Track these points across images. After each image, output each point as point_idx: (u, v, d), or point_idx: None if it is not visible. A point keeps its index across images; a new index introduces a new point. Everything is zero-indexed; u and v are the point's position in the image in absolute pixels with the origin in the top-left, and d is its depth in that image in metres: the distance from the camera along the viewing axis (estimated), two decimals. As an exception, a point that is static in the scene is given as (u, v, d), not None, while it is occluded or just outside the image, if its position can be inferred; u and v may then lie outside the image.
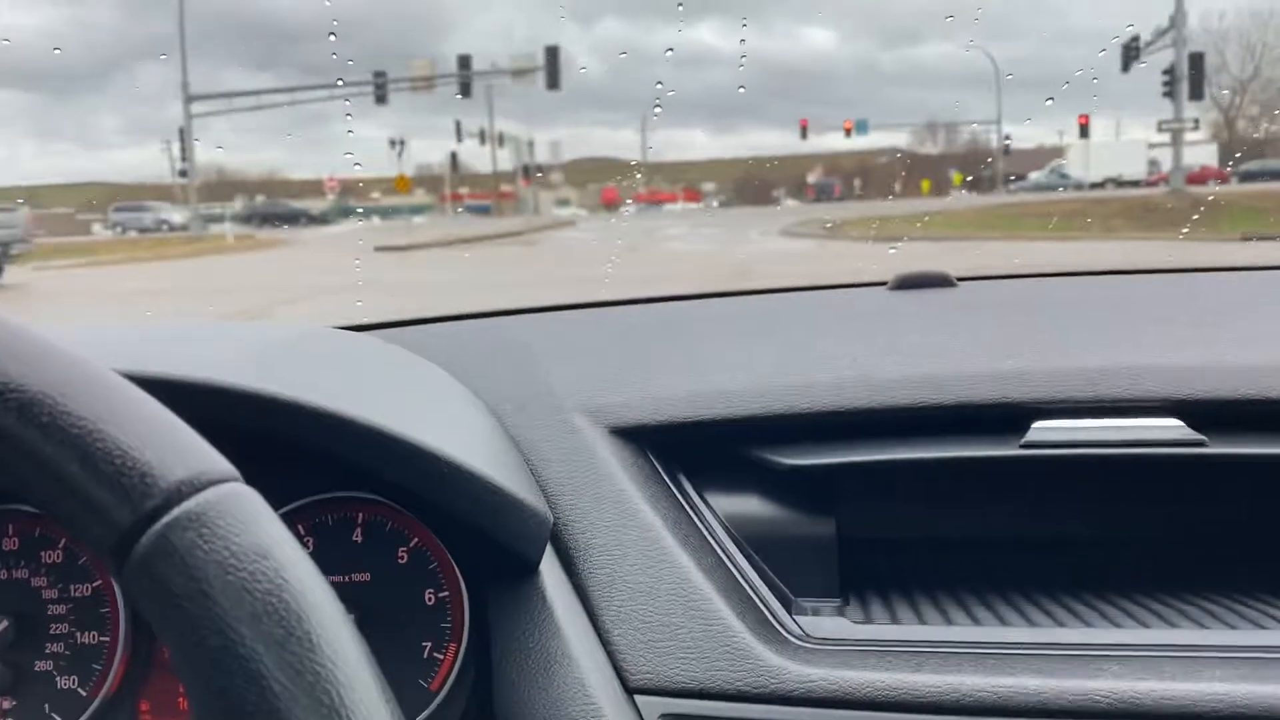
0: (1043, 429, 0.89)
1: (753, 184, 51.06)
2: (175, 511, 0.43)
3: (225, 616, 0.41)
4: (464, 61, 27.03)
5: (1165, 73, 24.12)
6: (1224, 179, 38.34)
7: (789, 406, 0.93)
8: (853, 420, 0.93)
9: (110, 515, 0.43)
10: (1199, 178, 37.76)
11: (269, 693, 0.40)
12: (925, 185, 44.33)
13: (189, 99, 26.82)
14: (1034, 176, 44.19)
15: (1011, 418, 0.90)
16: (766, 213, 32.35)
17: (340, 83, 27.73)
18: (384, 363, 1.01)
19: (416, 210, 53.06)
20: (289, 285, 13.19)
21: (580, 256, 15.59)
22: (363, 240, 21.14)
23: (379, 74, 27.25)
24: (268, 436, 0.72)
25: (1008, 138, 40.21)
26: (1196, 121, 32.00)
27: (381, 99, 27.18)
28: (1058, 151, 45.06)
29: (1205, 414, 0.89)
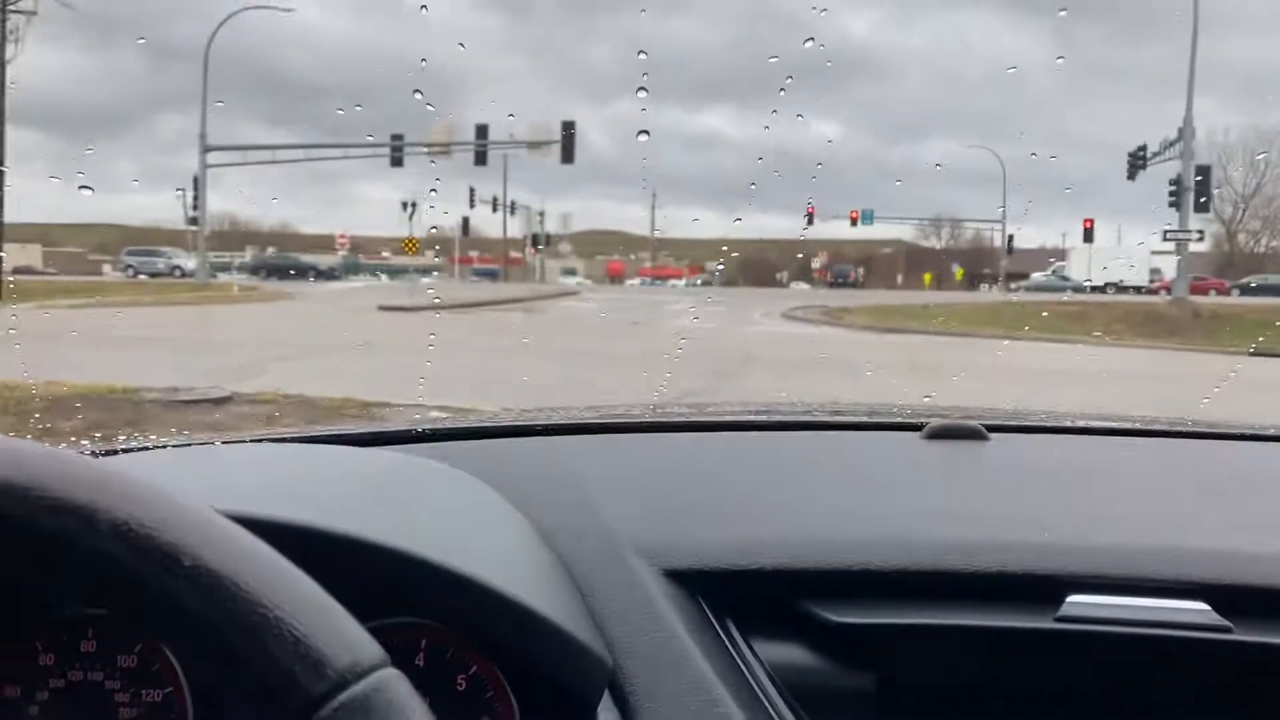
0: (1076, 604, 0.91)
1: (756, 265, 51.41)
2: (342, 697, 0.47)
3: None
4: (481, 131, 27.22)
5: (1172, 183, 24.22)
6: (1224, 290, 38.74)
7: (837, 563, 0.95)
8: (893, 580, 0.95)
9: (284, 699, 0.46)
10: (1199, 288, 38.01)
11: None
12: (928, 278, 44.62)
13: (205, 149, 26.97)
14: (1036, 277, 44.47)
15: (1047, 589, 0.93)
16: (769, 293, 32.35)
17: (370, 137, 27.82)
18: (447, 492, 1.03)
19: (425, 271, 53.63)
20: (287, 340, 12.99)
21: (585, 326, 15.42)
22: (366, 298, 20.99)
23: (396, 137, 27.44)
24: (344, 572, 0.71)
25: (1011, 237, 40.38)
26: (1201, 233, 32.24)
27: (398, 162, 27.34)
28: (1059, 253, 45.34)
29: (1233, 600, 0.91)
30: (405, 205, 19.54)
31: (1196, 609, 0.91)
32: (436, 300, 22.01)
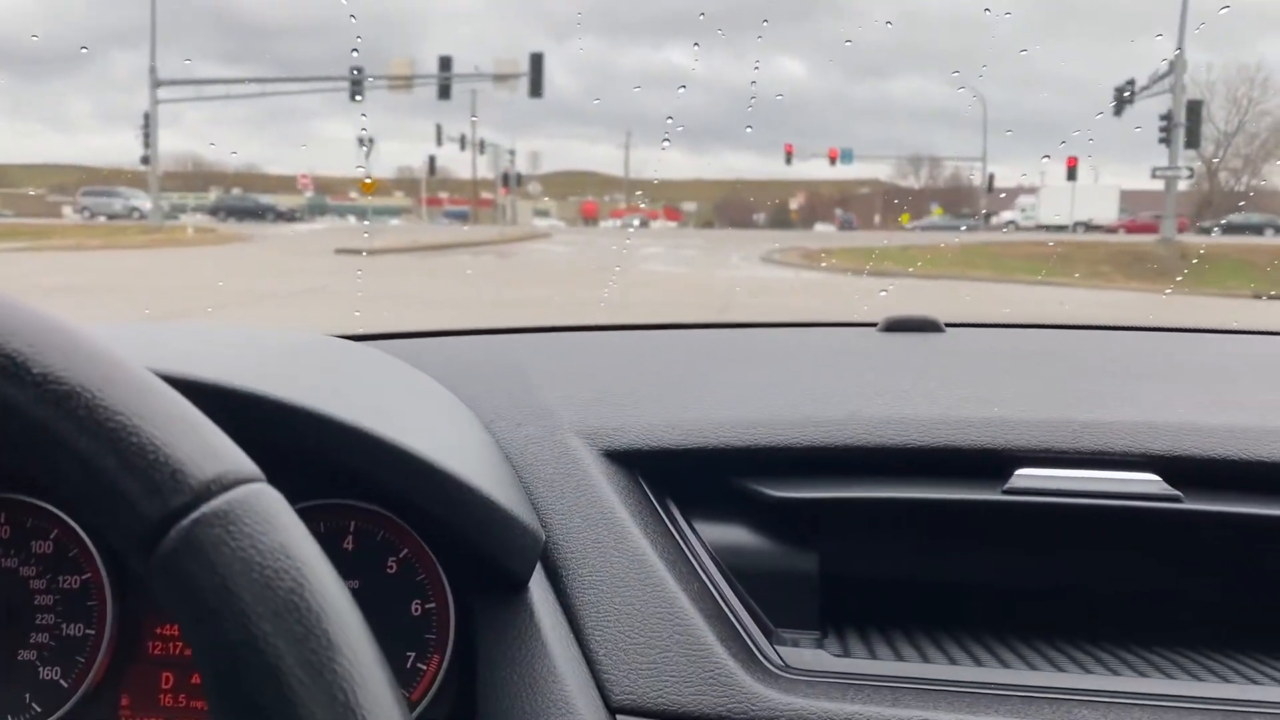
0: (1024, 476, 0.90)
1: (733, 206, 50.31)
2: (203, 508, 0.43)
3: (248, 612, 0.42)
4: (445, 63, 25.77)
5: (1162, 118, 23.19)
6: (1184, 228, 38.00)
7: (778, 440, 0.94)
8: (839, 457, 0.93)
9: (140, 509, 0.43)
10: (1149, 227, 36.98)
11: (287, 688, 0.41)
12: (905, 218, 43.69)
13: (156, 83, 25.42)
14: (931, 218, 43.59)
15: (995, 464, 0.91)
16: (747, 236, 31.39)
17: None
18: (383, 373, 1.00)
19: (393, 213, 52.07)
20: (232, 288, 11.90)
21: (558, 273, 14.38)
22: (325, 241, 19.79)
23: (356, 70, 25.94)
24: (269, 440, 0.69)
25: (992, 175, 39.41)
26: (1191, 170, 31.41)
27: (357, 95, 25.88)
28: (1036, 191, 44.36)
29: (1184, 471, 0.91)
30: (362, 142, 18.24)
31: (1147, 479, 0.90)
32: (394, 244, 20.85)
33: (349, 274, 13.84)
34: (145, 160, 26.97)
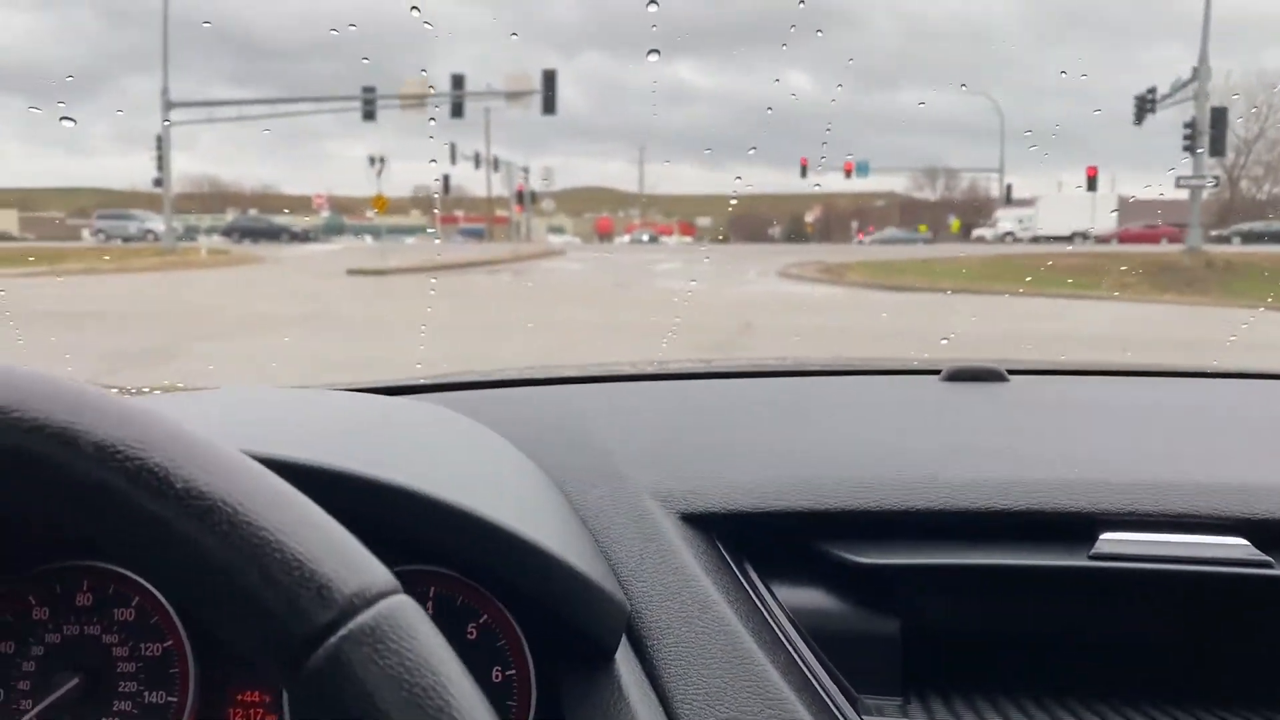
0: (1111, 541, 0.88)
1: (749, 220, 49.82)
2: (350, 625, 0.43)
3: None
4: (457, 81, 25.38)
5: (1187, 126, 22.55)
6: (1176, 238, 36.89)
7: (858, 504, 0.92)
8: (920, 520, 0.91)
9: (286, 626, 0.43)
10: (1149, 236, 35.91)
11: None
12: (923, 229, 43.04)
13: (168, 105, 25.13)
14: (888, 230, 42.79)
15: (1079, 527, 0.89)
16: (763, 250, 30.89)
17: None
18: (455, 436, 0.98)
19: (409, 232, 51.80)
20: (228, 313, 11.44)
21: (567, 290, 13.88)
22: (338, 261, 19.37)
23: (368, 89, 25.59)
24: (354, 513, 0.67)
25: (1010, 186, 38.83)
26: (1217, 178, 30.70)
27: (370, 115, 25.50)
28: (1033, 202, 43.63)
29: (1274, 535, 0.89)
30: (373, 160, 17.83)
31: (1235, 544, 0.88)
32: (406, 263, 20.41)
33: (353, 297, 13.35)
34: (158, 182, 26.70)
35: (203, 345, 8.29)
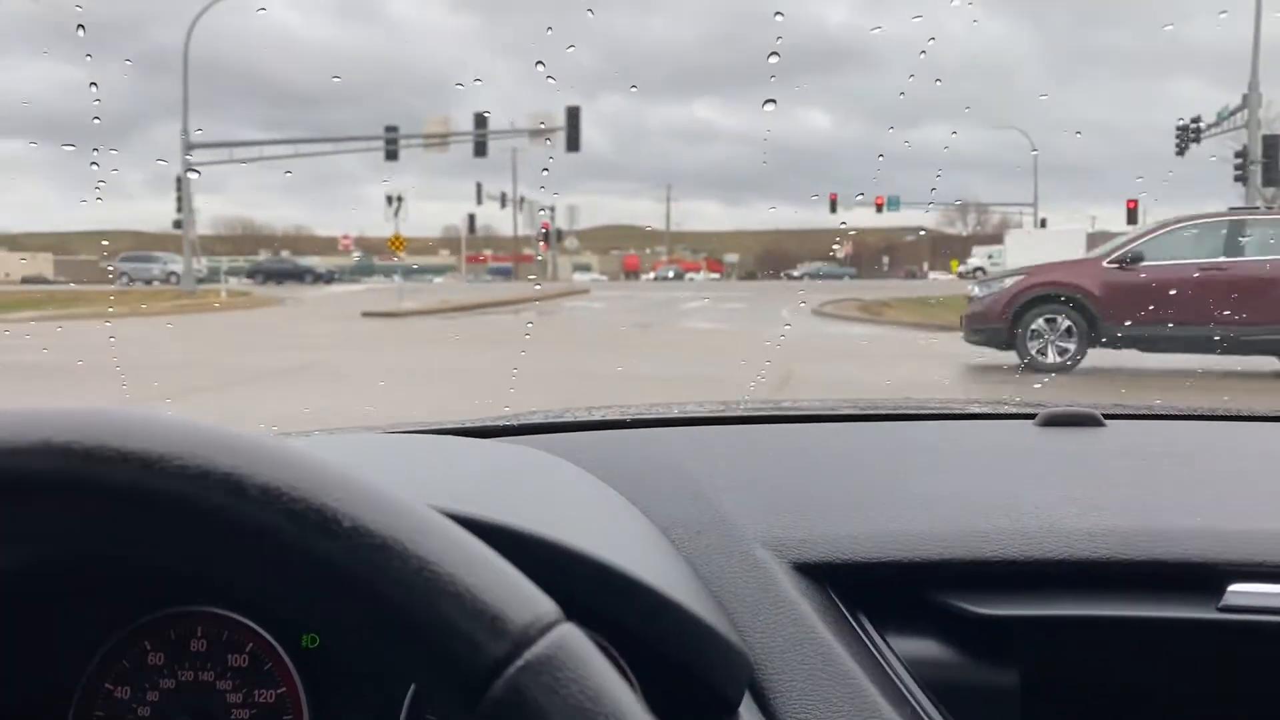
0: (1241, 593, 0.84)
1: (777, 256, 48.76)
2: (527, 655, 0.42)
3: None
4: (480, 120, 24.58)
5: (1238, 155, 21.23)
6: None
7: (976, 554, 0.89)
8: (1040, 570, 0.88)
9: (465, 660, 0.42)
10: None
11: None
12: (954, 265, 41.80)
13: (188, 147, 24.43)
14: (815, 265, 41.97)
15: (1205, 578, 0.86)
16: (791, 286, 29.73)
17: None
18: (561, 480, 0.97)
19: (438, 271, 51.29)
20: (223, 363, 10.44)
21: (588, 333, 12.77)
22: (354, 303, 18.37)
23: (390, 129, 24.83)
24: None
25: (1044, 220, 37.51)
26: (1271, 208, 29.26)
27: (392, 155, 24.71)
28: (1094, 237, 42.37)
29: None
30: (390, 200, 16.87)
31: None
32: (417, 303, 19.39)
33: (359, 343, 12.31)
34: (178, 224, 25.98)
35: (178, 403, 7.22)
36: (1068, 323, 9.48)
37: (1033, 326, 9.52)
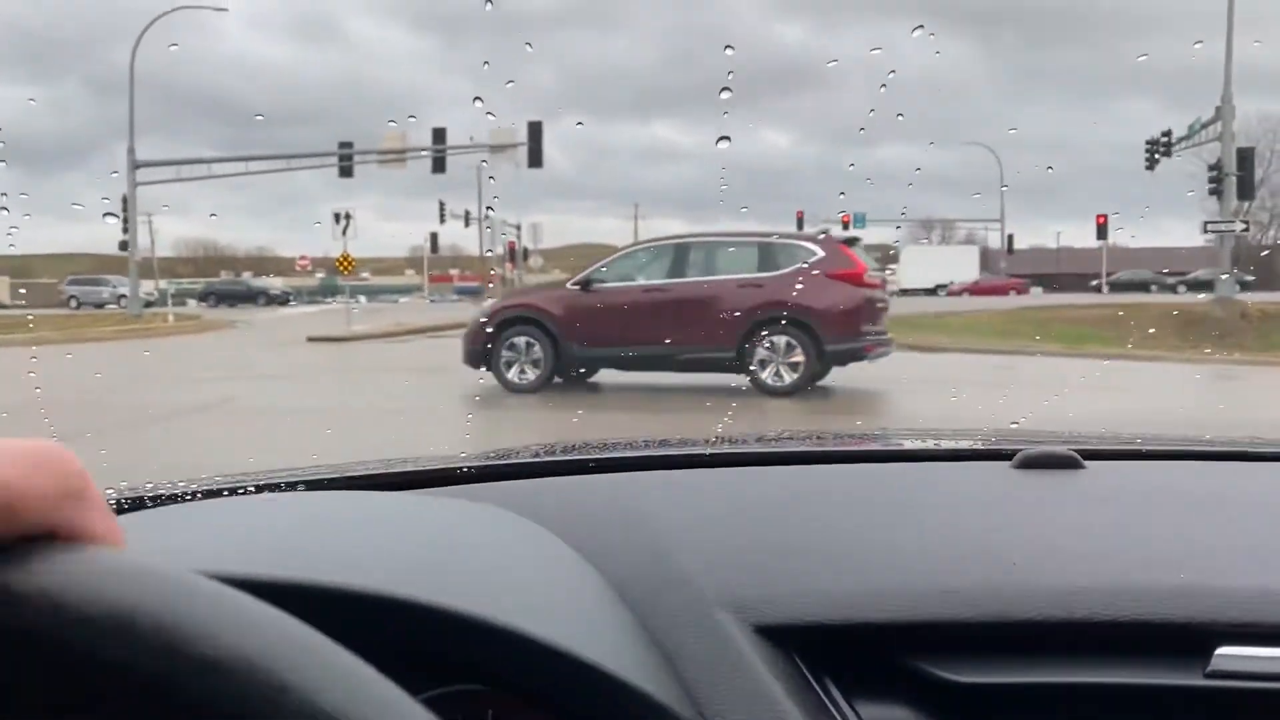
0: (1229, 656, 0.80)
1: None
2: None
3: None
4: (438, 135, 23.45)
5: (1212, 169, 20.53)
6: (1022, 290, 35.81)
7: (951, 615, 0.84)
8: (1017, 632, 0.84)
9: None
10: (998, 288, 34.59)
11: None
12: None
13: (134, 165, 23.14)
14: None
15: (1192, 639, 0.82)
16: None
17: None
18: (506, 540, 0.93)
19: (404, 291, 50.07)
20: (134, 398, 9.30)
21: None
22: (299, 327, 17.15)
23: (344, 144, 23.64)
24: (408, 638, 0.69)
25: (1011, 236, 36.92)
26: (1247, 224, 28.71)
27: (347, 172, 23.53)
28: (1053, 254, 41.94)
29: None
30: (338, 217, 15.72)
31: None
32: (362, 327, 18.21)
33: (292, 373, 11.18)
34: (123, 246, 24.61)
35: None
36: (536, 345, 9.68)
37: (505, 349, 9.71)
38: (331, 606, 0.57)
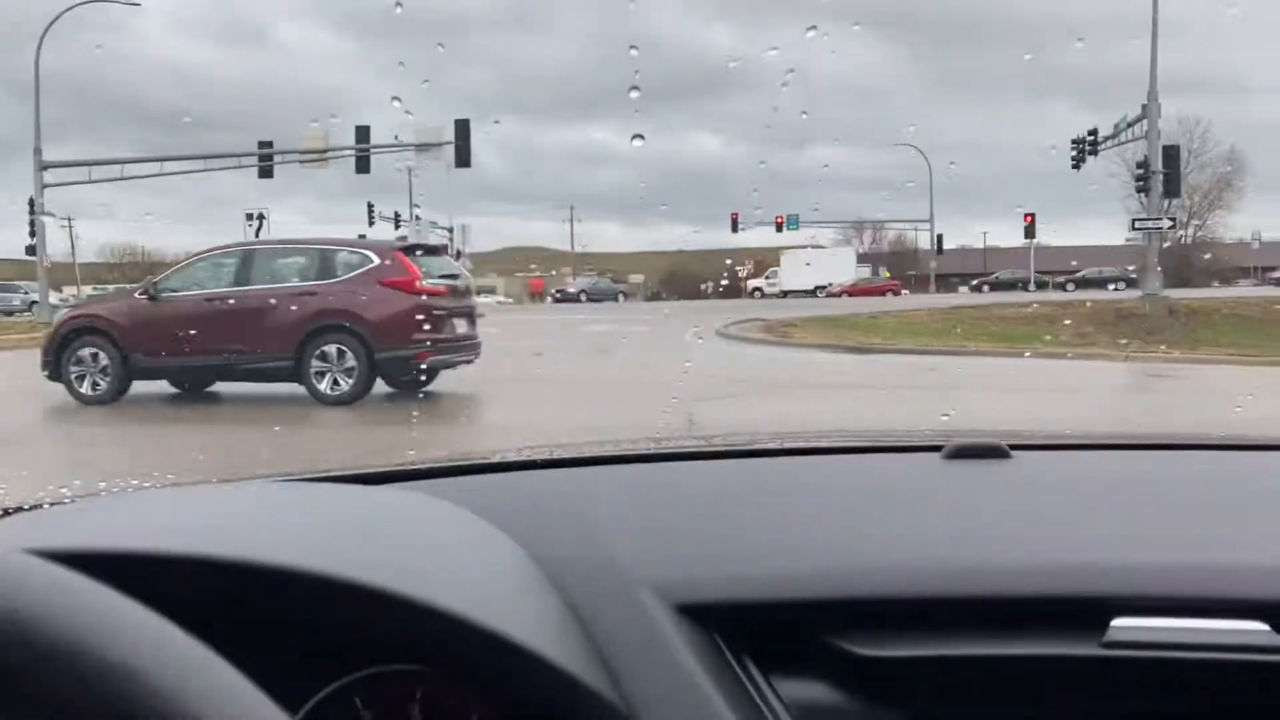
0: (1123, 628, 0.83)
1: (682, 277, 47.64)
2: None
3: None
4: (362, 133, 22.56)
5: (1139, 166, 20.55)
6: (898, 292, 36.78)
7: (862, 592, 0.88)
8: (926, 608, 0.87)
9: None
10: (875, 290, 35.42)
11: None
12: (887, 274, 41.23)
13: (41, 165, 21.90)
14: (751, 284, 43.11)
15: (1090, 613, 0.85)
16: (697, 307, 28.45)
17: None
18: (442, 527, 0.95)
19: (335, 295, 48.70)
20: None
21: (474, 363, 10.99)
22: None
23: (264, 144, 22.63)
24: (334, 615, 0.71)
25: (940, 236, 36.98)
26: (1174, 220, 29.07)
27: (266, 173, 22.53)
28: (978, 254, 42.28)
29: None
30: (250, 217, 14.82)
31: (1255, 629, 0.83)
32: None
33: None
34: (30, 250, 23.32)
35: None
36: (104, 356, 9.32)
37: (74, 360, 9.34)
38: (269, 584, 0.59)
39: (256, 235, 15.21)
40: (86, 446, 7.70)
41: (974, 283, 38.11)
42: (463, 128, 21.10)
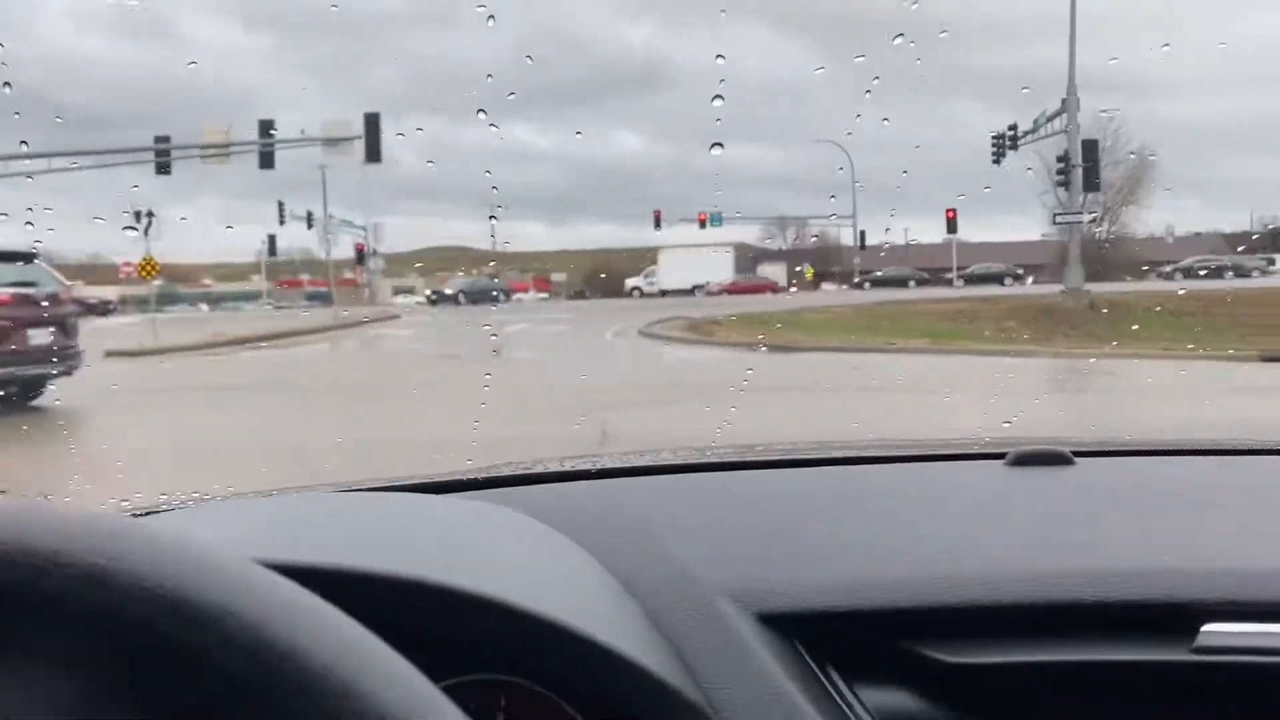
0: (1214, 633, 0.82)
1: (604, 275, 46.99)
2: None
3: None
4: (265, 127, 21.34)
5: (1060, 160, 20.43)
6: (776, 289, 37.41)
7: (945, 600, 0.86)
8: (1009, 616, 0.85)
9: None
10: (753, 289, 35.89)
11: None
12: (810, 273, 41.07)
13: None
14: (630, 282, 43.42)
15: (1179, 619, 0.83)
16: (620, 305, 27.82)
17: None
18: (519, 536, 0.95)
19: (249, 298, 47.01)
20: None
21: (380, 367, 10.12)
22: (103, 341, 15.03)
23: (161, 139, 21.27)
24: (426, 622, 0.71)
25: (863, 233, 36.85)
26: (1095, 215, 29.30)
27: (163, 169, 21.17)
28: (898, 250, 42.44)
29: None
30: (139, 215, 13.66)
31: None
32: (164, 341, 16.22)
33: (65, 395, 9.42)
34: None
35: None
36: None
37: None
38: (366, 591, 0.60)
39: (145, 235, 14.05)
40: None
41: (855, 279, 38.31)
42: (372, 122, 20.08)
